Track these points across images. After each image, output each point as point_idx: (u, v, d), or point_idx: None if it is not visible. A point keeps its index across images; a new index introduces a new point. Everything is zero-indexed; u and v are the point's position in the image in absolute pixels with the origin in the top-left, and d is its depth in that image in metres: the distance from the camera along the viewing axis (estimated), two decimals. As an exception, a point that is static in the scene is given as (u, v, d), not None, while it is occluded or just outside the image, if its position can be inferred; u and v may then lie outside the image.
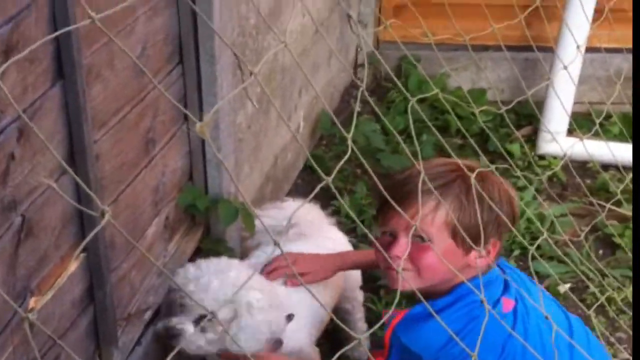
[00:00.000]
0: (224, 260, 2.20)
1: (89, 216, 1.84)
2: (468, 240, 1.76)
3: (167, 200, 2.31)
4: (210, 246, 2.52)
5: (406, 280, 1.95)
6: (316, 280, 2.37)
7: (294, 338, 2.33)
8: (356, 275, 2.69)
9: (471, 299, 2.02)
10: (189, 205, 2.41)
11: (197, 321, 2.11)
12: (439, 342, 1.99)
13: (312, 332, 2.42)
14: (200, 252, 2.53)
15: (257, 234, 2.58)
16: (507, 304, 2.08)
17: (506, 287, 2.11)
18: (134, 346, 2.26)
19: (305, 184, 3.59)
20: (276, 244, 1.22)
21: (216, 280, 2.10)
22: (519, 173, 2.63)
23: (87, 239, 1.09)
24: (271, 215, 2.54)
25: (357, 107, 4.08)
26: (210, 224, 2.53)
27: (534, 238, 3.20)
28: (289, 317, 2.31)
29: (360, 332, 2.69)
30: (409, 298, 2.30)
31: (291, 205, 2.62)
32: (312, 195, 1.53)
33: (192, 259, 2.50)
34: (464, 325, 2.01)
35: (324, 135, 3.84)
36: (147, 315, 2.31)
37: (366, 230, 1.54)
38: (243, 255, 2.66)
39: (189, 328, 2.11)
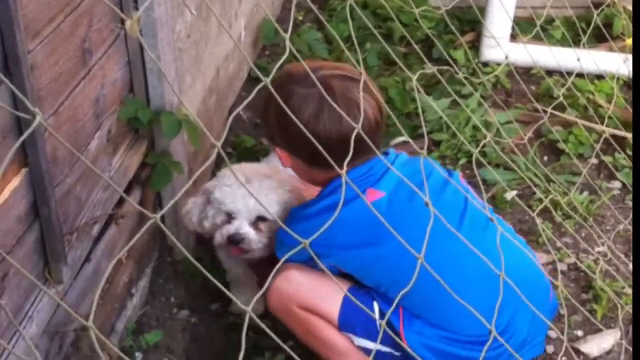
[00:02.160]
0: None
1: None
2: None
3: (108, 113, 2.27)
4: (156, 160, 2.49)
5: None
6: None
7: None
8: None
9: (335, 196, 2.15)
10: (131, 118, 2.37)
11: (254, 223, 2.38)
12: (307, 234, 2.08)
13: None
14: (145, 166, 2.51)
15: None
16: (372, 195, 2.16)
17: (380, 179, 2.18)
18: (84, 262, 2.25)
19: (249, 95, 3.53)
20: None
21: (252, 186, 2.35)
22: (461, 76, 2.62)
23: (18, 143, 1.06)
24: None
25: (300, 16, 4.05)
26: (154, 137, 2.50)
27: (482, 145, 3.24)
28: None
29: None
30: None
31: None
32: (250, 97, 1.52)
33: (137, 173, 2.48)
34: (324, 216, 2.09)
35: (266, 45, 3.79)
36: (95, 230, 2.30)
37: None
38: (190, 166, 2.65)
39: (250, 230, 2.38)
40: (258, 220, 2.40)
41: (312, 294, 2.25)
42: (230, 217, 2.40)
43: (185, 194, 2.64)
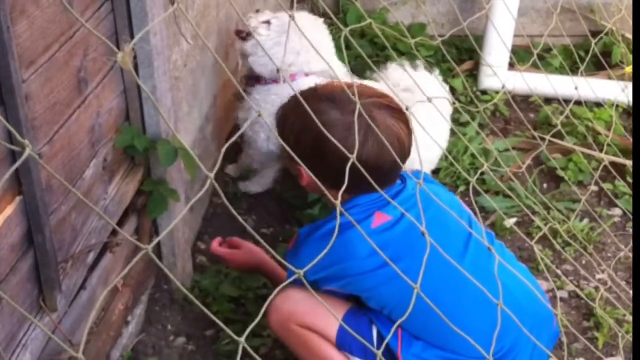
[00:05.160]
0: None
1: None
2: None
3: (104, 141, 2.28)
4: (152, 187, 2.49)
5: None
6: (234, 264, 2.62)
7: None
8: None
9: (343, 217, 2.11)
10: (127, 146, 2.37)
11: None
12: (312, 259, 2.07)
13: None
14: (142, 194, 2.51)
15: None
16: (379, 218, 2.17)
17: (389, 203, 2.17)
18: (79, 290, 2.25)
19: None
20: None
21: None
22: (457, 105, 2.63)
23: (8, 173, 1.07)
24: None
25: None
26: (150, 164, 2.50)
27: (480, 174, 3.24)
28: None
29: None
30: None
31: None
32: (244, 128, 1.54)
33: (133, 201, 2.48)
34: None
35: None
36: (90, 258, 2.30)
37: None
38: (187, 194, 2.65)
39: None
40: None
41: (311, 312, 2.27)
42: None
43: (181, 221, 2.67)
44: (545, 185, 3.51)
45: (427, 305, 1.80)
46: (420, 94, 2.39)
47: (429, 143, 2.51)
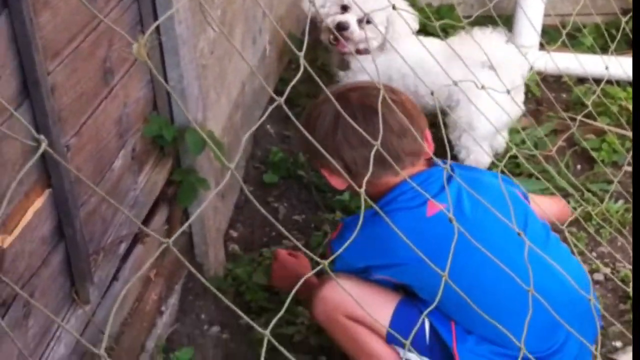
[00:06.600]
0: None
1: (51, 149, 1.81)
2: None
3: (132, 132, 2.27)
4: (182, 177, 2.49)
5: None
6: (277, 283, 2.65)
7: None
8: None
9: (392, 205, 2.11)
10: (155, 136, 2.37)
11: (359, 21, 3.04)
12: (360, 245, 1.97)
13: None
14: (172, 183, 2.50)
15: None
16: (433, 207, 2.10)
17: (442, 191, 2.13)
18: (111, 282, 2.25)
19: (276, 109, 3.50)
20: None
21: None
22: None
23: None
24: None
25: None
26: (179, 154, 2.49)
27: (513, 157, 3.19)
28: None
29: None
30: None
31: None
32: (264, 116, 1.53)
33: (164, 190, 2.48)
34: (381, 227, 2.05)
35: (292, 59, 3.78)
36: (122, 249, 2.30)
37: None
38: (217, 182, 2.64)
39: (354, 22, 3.03)
40: (363, 21, 3.03)
41: (360, 302, 2.20)
42: (343, 10, 3.05)
43: (212, 210, 2.66)
44: (579, 166, 3.46)
45: (479, 297, 1.77)
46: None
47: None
